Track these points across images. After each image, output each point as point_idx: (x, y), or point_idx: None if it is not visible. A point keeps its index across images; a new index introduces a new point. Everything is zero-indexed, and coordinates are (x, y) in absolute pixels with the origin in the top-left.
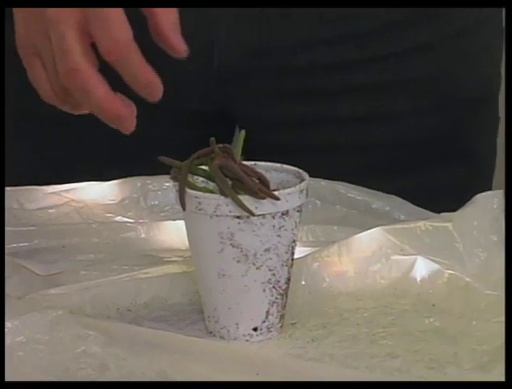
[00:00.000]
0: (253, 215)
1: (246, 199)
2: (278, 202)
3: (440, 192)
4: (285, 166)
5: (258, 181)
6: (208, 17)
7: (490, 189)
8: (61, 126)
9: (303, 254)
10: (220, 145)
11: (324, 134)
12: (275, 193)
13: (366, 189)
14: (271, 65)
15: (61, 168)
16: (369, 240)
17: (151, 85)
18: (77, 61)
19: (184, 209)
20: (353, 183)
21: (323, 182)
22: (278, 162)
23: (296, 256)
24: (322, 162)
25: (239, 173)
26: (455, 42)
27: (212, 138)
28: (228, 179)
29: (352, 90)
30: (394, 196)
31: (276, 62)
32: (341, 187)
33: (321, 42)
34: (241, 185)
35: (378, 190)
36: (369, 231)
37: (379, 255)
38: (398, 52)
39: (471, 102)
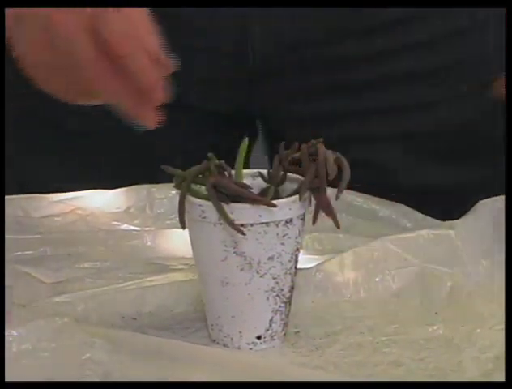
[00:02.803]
0: (243, 234)
1: (248, 208)
2: (282, 210)
3: (471, 184)
4: (290, 175)
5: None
6: (241, 12)
7: None
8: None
9: (308, 263)
10: (216, 162)
11: (360, 125)
12: (276, 201)
13: (372, 197)
14: (304, 59)
15: (76, 177)
16: (373, 250)
17: (153, 89)
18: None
19: (183, 228)
20: (389, 174)
21: (329, 191)
22: None
23: (300, 265)
24: (357, 153)
25: (234, 190)
26: (487, 27)
27: (210, 155)
28: (222, 203)
29: (385, 80)
30: (400, 204)
31: (309, 56)
32: (347, 196)
33: (350, 34)
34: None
35: (413, 179)
36: (372, 242)
37: (382, 266)
38: (428, 39)
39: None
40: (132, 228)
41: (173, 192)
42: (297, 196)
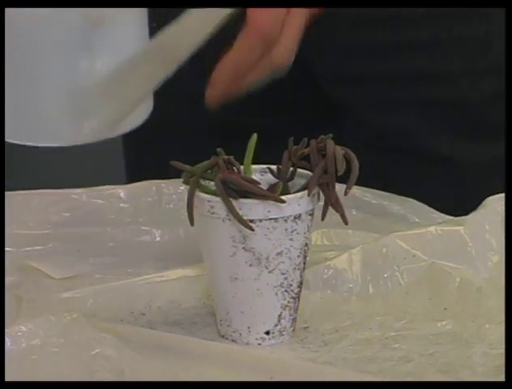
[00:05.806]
0: (252, 230)
1: (256, 204)
2: (290, 205)
3: (487, 162)
4: (299, 170)
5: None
6: None
7: None
8: None
9: (317, 258)
10: (225, 157)
11: (379, 89)
12: (284, 197)
13: (382, 192)
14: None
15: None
16: (382, 246)
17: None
18: None
19: (192, 224)
20: (407, 142)
21: (338, 186)
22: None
23: (309, 260)
24: (376, 118)
25: (243, 184)
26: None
27: (219, 150)
28: (231, 198)
29: (406, 46)
30: (409, 199)
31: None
32: (356, 191)
33: None
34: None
35: (433, 149)
36: (381, 238)
37: (391, 262)
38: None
39: None
40: (141, 223)
41: (182, 188)
42: (306, 192)
